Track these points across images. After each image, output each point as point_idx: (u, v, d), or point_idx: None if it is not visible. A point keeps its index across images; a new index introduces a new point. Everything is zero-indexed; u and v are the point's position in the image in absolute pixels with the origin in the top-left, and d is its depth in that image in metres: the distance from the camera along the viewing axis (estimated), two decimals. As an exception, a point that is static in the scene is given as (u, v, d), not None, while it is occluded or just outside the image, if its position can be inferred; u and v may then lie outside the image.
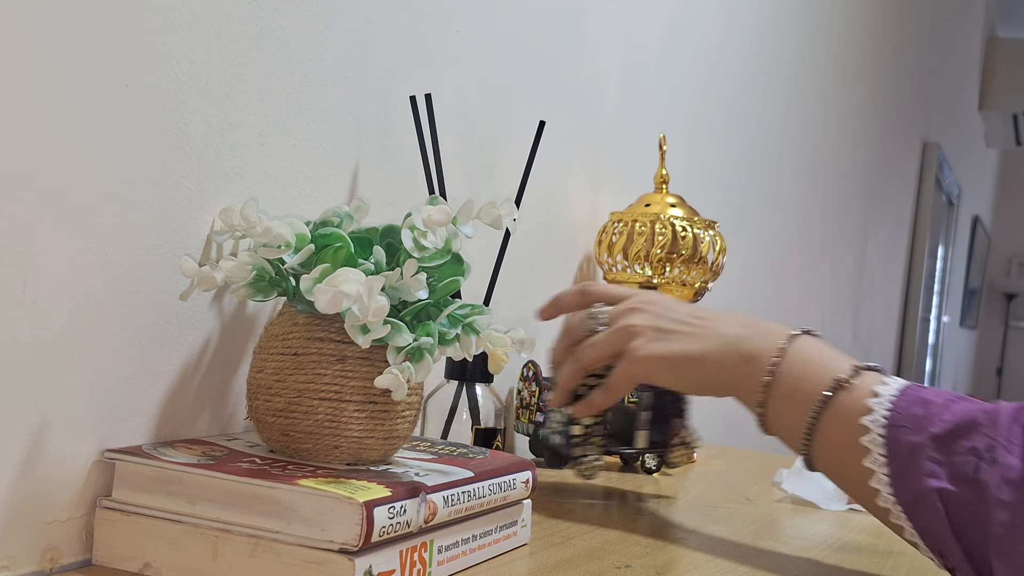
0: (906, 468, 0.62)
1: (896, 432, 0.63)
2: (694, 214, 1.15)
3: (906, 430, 0.63)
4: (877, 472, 0.63)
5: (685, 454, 0.88)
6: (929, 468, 0.61)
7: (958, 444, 0.61)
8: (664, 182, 1.17)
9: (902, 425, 0.63)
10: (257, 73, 0.67)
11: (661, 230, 1.11)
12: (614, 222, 1.15)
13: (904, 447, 0.62)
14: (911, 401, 0.64)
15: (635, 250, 1.12)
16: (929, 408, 0.63)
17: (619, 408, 0.85)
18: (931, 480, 0.61)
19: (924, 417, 0.63)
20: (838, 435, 0.66)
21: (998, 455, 0.60)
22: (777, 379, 0.69)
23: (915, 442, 0.62)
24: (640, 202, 1.16)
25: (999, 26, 5.88)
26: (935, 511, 0.61)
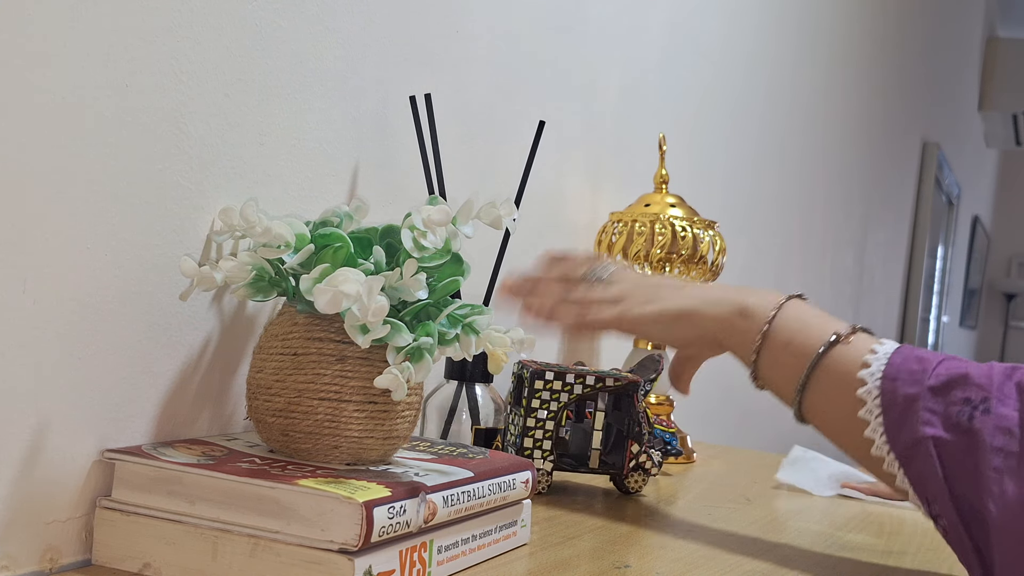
0: (901, 418, 0.65)
1: (892, 384, 0.65)
2: (694, 214, 1.15)
3: (902, 383, 0.65)
4: (872, 422, 0.66)
5: (642, 478, 0.88)
6: (924, 417, 0.64)
7: (952, 395, 0.64)
8: (664, 182, 1.17)
9: (898, 378, 0.66)
10: (257, 73, 0.67)
11: (661, 230, 1.11)
12: (614, 222, 1.15)
13: (900, 398, 0.65)
14: (906, 358, 0.67)
15: (635, 250, 1.12)
16: (924, 364, 0.66)
17: (576, 428, 0.85)
18: (926, 428, 0.63)
19: (920, 371, 0.65)
20: (832, 388, 0.68)
21: (992, 405, 0.62)
22: (773, 331, 0.72)
23: (911, 393, 0.65)
24: (640, 202, 1.16)
25: (999, 26, 5.88)
26: (928, 458, 0.63)
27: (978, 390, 0.64)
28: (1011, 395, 0.63)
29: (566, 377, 0.85)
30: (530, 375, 0.84)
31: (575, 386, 0.85)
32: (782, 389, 0.73)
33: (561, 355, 1.19)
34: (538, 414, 0.84)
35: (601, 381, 0.85)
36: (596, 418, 0.85)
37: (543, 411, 0.84)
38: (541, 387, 0.84)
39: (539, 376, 0.84)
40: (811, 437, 1.27)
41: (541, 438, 0.84)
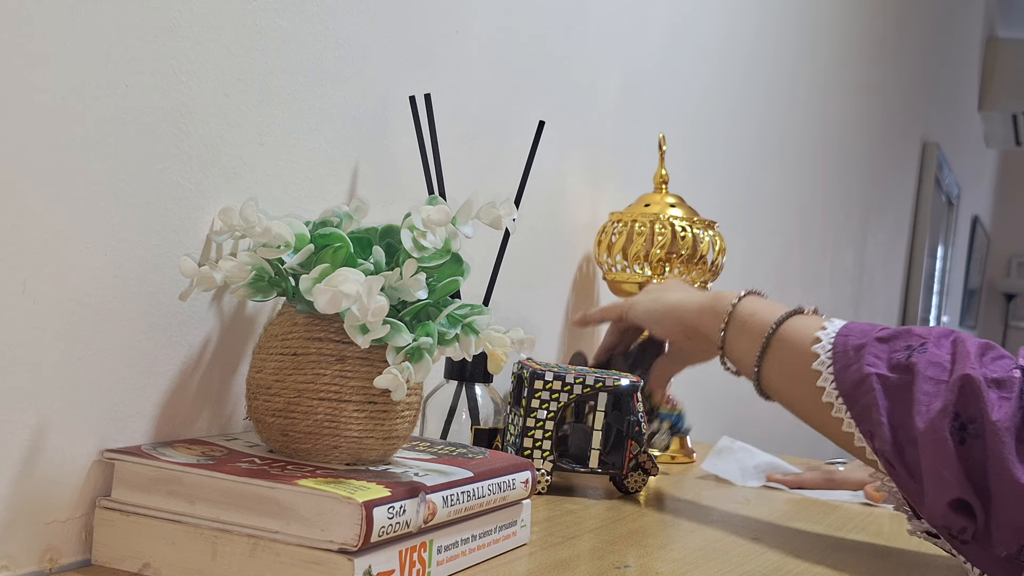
0: (849, 363, 0.75)
1: (844, 339, 0.76)
2: (694, 214, 1.15)
3: (853, 337, 0.76)
4: (823, 372, 0.76)
5: (642, 478, 0.88)
6: (869, 360, 0.74)
7: (896, 343, 0.74)
8: (664, 182, 1.17)
9: (850, 335, 0.77)
10: (257, 73, 0.67)
11: (660, 230, 1.11)
12: (613, 222, 1.15)
13: (850, 348, 0.75)
14: (857, 324, 0.78)
15: (634, 250, 1.12)
16: (874, 326, 0.77)
17: (576, 428, 0.86)
18: (869, 368, 0.73)
19: (869, 329, 0.76)
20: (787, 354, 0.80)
21: (928, 347, 0.72)
22: (733, 319, 0.86)
23: (860, 343, 0.75)
24: (640, 202, 1.16)
25: (999, 26, 5.88)
26: (871, 391, 0.72)
27: (918, 338, 0.74)
28: (946, 345, 0.73)
29: (566, 377, 0.85)
30: (530, 375, 0.84)
31: (575, 386, 0.85)
32: (743, 365, 0.85)
33: (561, 353, 1.19)
34: (538, 414, 0.84)
35: (601, 381, 0.85)
36: (596, 418, 0.85)
37: (543, 411, 0.84)
38: (541, 387, 0.84)
39: (539, 376, 0.84)
40: (809, 445, 1.27)
41: (541, 438, 0.84)
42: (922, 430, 0.69)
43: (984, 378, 0.68)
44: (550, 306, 1.16)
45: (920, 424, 0.69)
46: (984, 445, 0.67)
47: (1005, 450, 0.66)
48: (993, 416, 0.67)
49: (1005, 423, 0.66)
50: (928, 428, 0.69)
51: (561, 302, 1.18)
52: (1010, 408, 0.67)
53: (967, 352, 0.71)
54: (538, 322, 1.13)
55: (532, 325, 1.10)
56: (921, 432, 0.69)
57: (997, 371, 0.69)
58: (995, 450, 0.66)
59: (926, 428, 0.69)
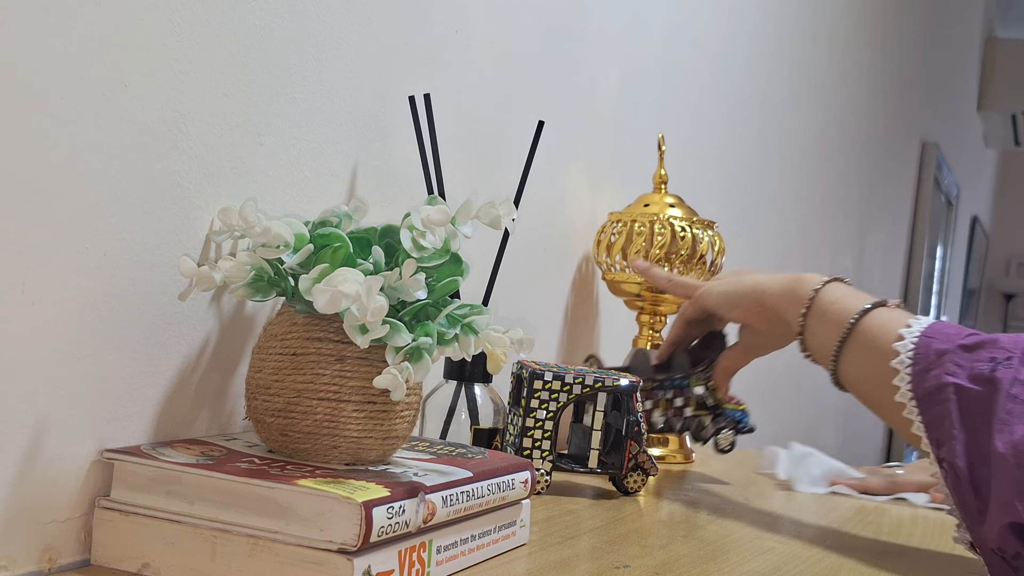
0: (929, 367, 0.73)
1: (928, 340, 0.74)
2: (693, 214, 1.15)
3: (938, 340, 0.74)
4: (901, 372, 0.74)
5: (641, 478, 0.88)
6: (950, 368, 0.72)
7: (980, 354, 0.72)
8: (663, 182, 1.17)
9: (935, 336, 0.74)
10: (256, 73, 0.67)
11: (660, 230, 1.11)
12: (613, 222, 1.15)
13: (932, 352, 0.73)
14: (944, 324, 0.76)
15: (634, 250, 1.12)
16: (960, 330, 0.75)
17: (575, 428, 0.86)
18: (949, 377, 0.71)
19: (955, 334, 0.74)
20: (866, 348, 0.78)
21: (1014, 363, 0.70)
22: (815, 304, 0.83)
23: (943, 348, 0.73)
24: (639, 202, 1.16)
25: (998, 26, 5.88)
26: (947, 402, 0.71)
27: (1004, 351, 0.71)
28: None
29: (565, 377, 0.85)
30: (529, 375, 0.84)
31: (574, 386, 0.85)
32: (823, 353, 0.83)
33: (560, 353, 1.19)
34: (537, 414, 0.84)
35: (600, 381, 0.85)
36: (595, 418, 0.85)
37: (542, 411, 0.84)
38: (540, 387, 0.84)
39: (538, 376, 0.84)
40: (806, 439, 1.27)
41: (540, 438, 0.84)
42: (1001, 452, 0.67)
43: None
44: (549, 306, 1.16)
45: (1000, 445, 0.67)
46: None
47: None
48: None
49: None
50: (1010, 451, 0.66)
51: (560, 302, 1.18)
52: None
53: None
54: (537, 322, 1.13)
55: (531, 325, 1.10)
56: (999, 454, 0.67)
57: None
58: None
59: (1007, 450, 0.67)
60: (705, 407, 0.97)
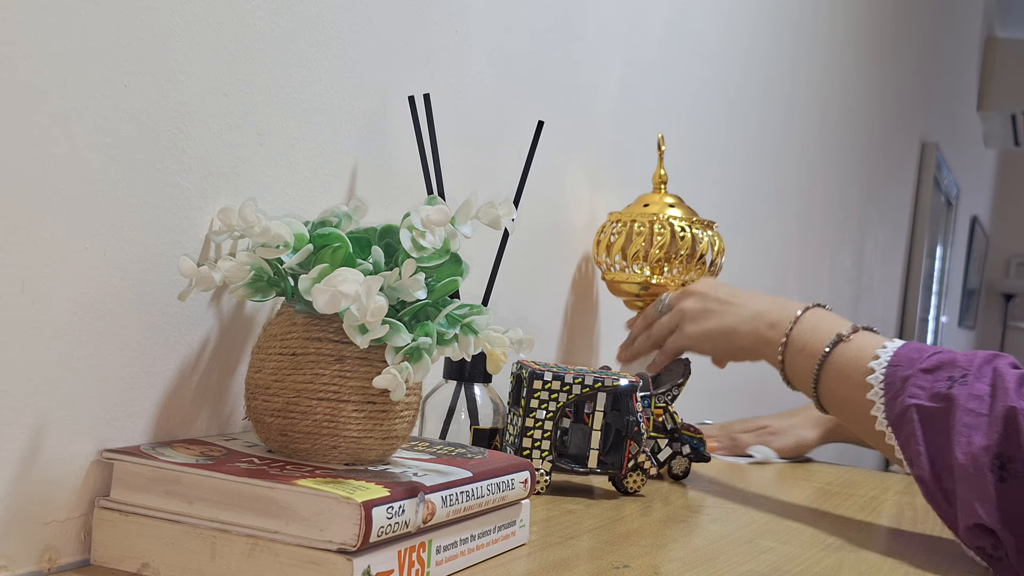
0: (897, 394, 0.79)
1: (894, 370, 0.81)
2: (692, 214, 1.15)
3: (901, 368, 0.80)
4: (877, 402, 0.81)
5: (641, 478, 0.89)
6: (912, 391, 0.78)
7: (939, 374, 0.78)
8: (663, 182, 1.17)
9: (899, 364, 0.81)
10: (256, 73, 0.67)
11: (660, 230, 1.11)
12: (612, 222, 1.15)
13: (898, 379, 0.80)
14: (910, 349, 0.82)
15: (634, 250, 1.12)
16: (921, 353, 0.81)
17: (575, 428, 0.86)
18: (911, 399, 0.78)
19: (916, 358, 0.80)
20: (839, 379, 0.85)
21: (969, 380, 0.76)
22: (791, 340, 0.90)
23: (907, 375, 0.79)
24: (638, 202, 1.16)
25: (998, 26, 5.88)
26: (912, 422, 0.77)
27: (960, 370, 0.78)
28: (987, 375, 0.76)
29: (564, 377, 0.85)
30: (528, 375, 0.84)
31: (574, 386, 0.85)
32: (802, 387, 0.90)
33: (560, 353, 1.19)
34: (536, 414, 0.84)
35: (600, 381, 0.85)
36: (595, 418, 0.85)
37: (542, 411, 0.84)
38: (540, 387, 0.84)
39: (537, 376, 0.84)
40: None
41: (540, 438, 0.84)
42: (961, 462, 0.73)
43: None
44: (549, 306, 1.16)
45: (960, 456, 0.73)
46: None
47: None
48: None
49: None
50: (968, 462, 0.72)
51: (560, 302, 1.18)
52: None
53: (1007, 386, 0.74)
54: (537, 322, 1.13)
55: (531, 325, 1.10)
56: (960, 464, 0.73)
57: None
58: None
59: (966, 461, 0.72)
60: (663, 431, 0.98)
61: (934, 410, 0.76)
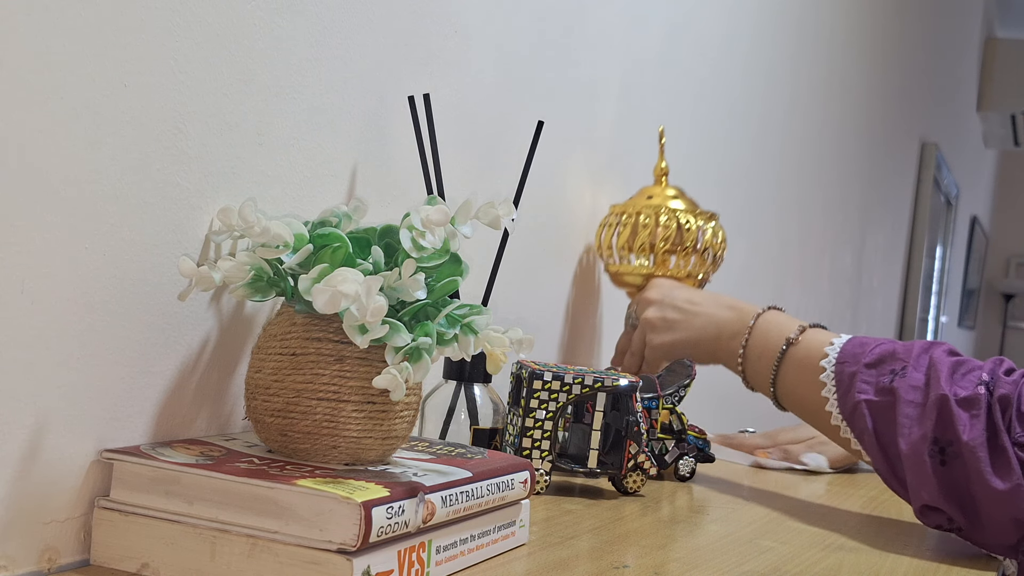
0: (846, 391, 0.85)
1: (841, 367, 0.86)
2: (695, 206, 1.14)
3: (847, 364, 0.86)
4: (830, 399, 0.86)
5: (641, 479, 0.89)
6: (860, 387, 0.84)
7: (882, 368, 0.84)
8: (664, 174, 1.16)
9: (845, 361, 0.86)
10: (256, 73, 0.67)
11: (665, 222, 1.11)
12: (617, 214, 1.14)
13: (846, 376, 0.85)
14: (853, 345, 0.87)
15: (639, 242, 1.11)
16: (864, 347, 0.86)
17: (575, 429, 0.86)
18: (860, 394, 0.83)
19: (860, 354, 0.85)
20: (796, 379, 0.91)
21: (908, 372, 0.81)
22: (748, 348, 0.96)
23: (853, 371, 0.85)
24: (641, 194, 1.16)
25: (997, 26, 5.88)
26: (863, 417, 0.83)
27: (900, 362, 0.83)
28: (923, 364, 0.81)
29: (564, 377, 0.85)
30: (528, 375, 0.84)
31: (573, 387, 0.85)
32: (762, 390, 0.96)
33: (560, 353, 1.19)
34: (536, 414, 0.84)
35: (599, 381, 0.85)
36: (594, 418, 0.85)
37: (541, 411, 0.84)
38: (539, 387, 0.84)
39: (537, 376, 0.84)
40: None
41: (539, 438, 0.84)
42: (905, 452, 0.79)
43: (955, 398, 0.78)
44: (549, 306, 1.16)
45: (904, 447, 0.79)
46: (963, 464, 0.76)
47: (982, 464, 0.75)
48: (965, 437, 0.76)
49: (978, 439, 0.76)
50: (910, 451, 0.79)
51: (560, 302, 1.18)
52: (980, 425, 0.76)
53: (939, 374, 0.79)
54: (537, 322, 1.13)
55: (531, 325, 1.10)
56: (905, 454, 0.79)
57: (965, 389, 0.78)
58: (973, 466, 0.76)
59: (908, 451, 0.79)
60: (670, 432, 0.98)
61: (881, 404, 0.82)
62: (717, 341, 0.99)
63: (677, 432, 0.99)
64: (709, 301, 1.03)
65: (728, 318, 0.99)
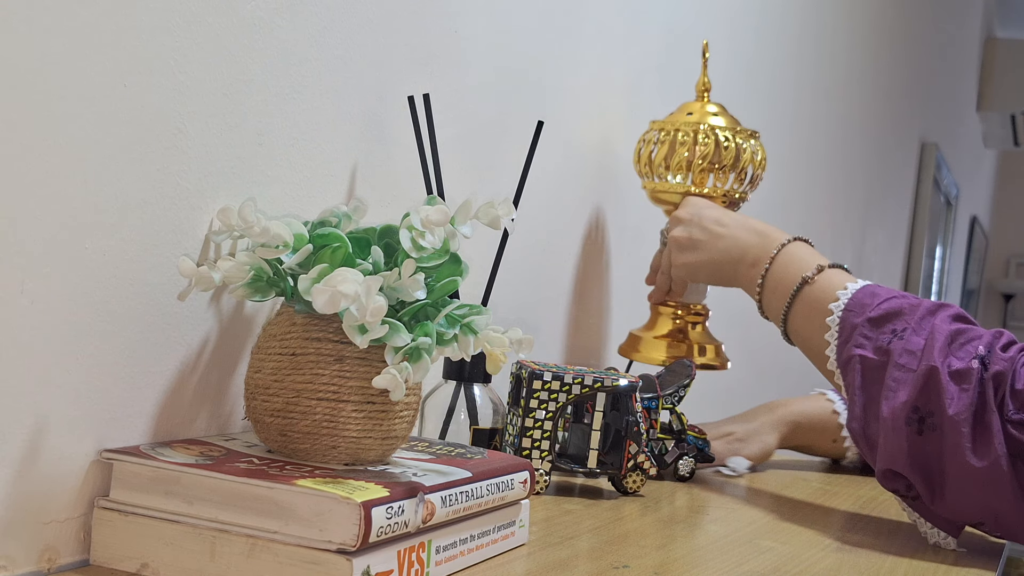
0: (846, 340, 0.85)
1: (847, 315, 0.86)
2: (736, 123, 1.12)
3: (853, 313, 0.85)
4: (831, 343, 0.86)
5: (640, 479, 0.89)
6: (858, 340, 0.84)
7: (884, 326, 0.83)
8: (706, 90, 1.13)
9: (852, 310, 0.86)
10: (255, 73, 0.67)
11: (704, 140, 1.08)
12: (656, 130, 1.11)
13: (848, 326, 0.85)
14: (864, 294, 0.87)
15: (677, 160, 1.09)
16: (874, 299, 0.85)
17: (574, 429, 0.86)
18: (856, 349, 0.83)
19: (868, 305, 0.85)
20: (805, 318, 0.91)
21: (907, 335, 0.81)
22: (767, 278, 0.94)
23: (856, 322, 0.85)
24: (681, 110, 1.13)
25: (997, 26, 5.88)
26: (855, 371, 0.83)
27: (903, 321, 0.82)
28: (925, 328, 0.81)
29: (564, 378, 0.85)
30: (528, 376, 0.84)
31: (573, 387, 0.85)
32: (775, 320, 0.95)
33: (560, 354, 1.19)
34: (536, 415, 0.84)
35: (599, 381, 0.85)
36: (594, 418, 0.85)
37: (541, 411, 0.84)
38: (539, 388, 0.84)
39: (537, 377, 0.84)
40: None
41: (539, 438, 0.84)
42: (884, 416, 0.79)
43: (947, 370, 0.77)
44: (549, 306, 1.16)
45: (885, 410, 0.79)
46: (941, 437, 0.76)
47: (963, 440, 0.75)
48: (950, 411, 0.76)
49: (963, 415, 0.75)
50: (890, 415, 0.79)
51: (560, 302, 1.18)
52: (967, 400, 0.76)
53: (935, 344, 0.79)
54: (537, 322, 1.13)
55: (531, 325, 1.10)
56: (884, 417, 0.79)
57: (960, 361, 0.78)
58: (953, 440, 0.75)
59: (888, 415, 0.79)
60: (670, 431, 0.98)
61: (874, 362, 0.82)
62: (738, 265, 0.97)
63: (677, 432, 0.99)
64: (737, 223, 1.01)
65: (752, 243, 0.97)
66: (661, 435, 0.98)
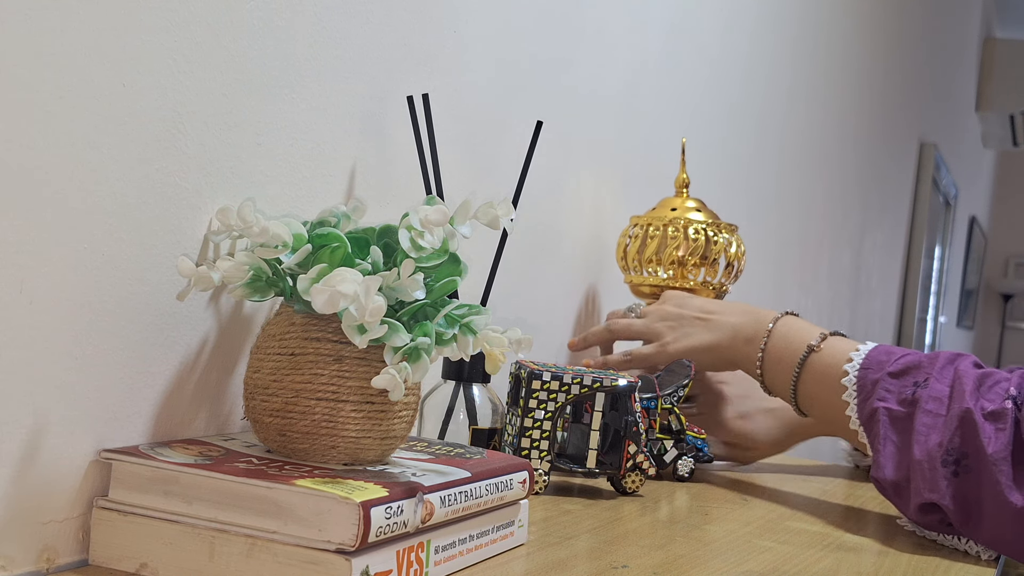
0: (868, 396, 0.86)
1: (865, 373, 0.87)
2: (717, 218, 1.18)
3: (871, 371, 0.87)
4: (851, 403, 0.87)
5: (640, 479, 0.89)
6: (881, 394, 0.85)
7: (905, 379, 0.85)
8: (685, 186, 1.19)
9: (870, 367, 0.87)
10: (255, 73, 0.67)
11: (695, 236, 1.14)
12: (642, 226, 1.16)
13: (869, 383, 0.87)
14: (879, 352, 0.89)
15: (668, 255, 1.14)
16: (890, 356, 0.87)
17: (573, 429, 0.86)
18: (880, 402, 0.84)
19: (885, 362, 0.87)
20: (818, 383, 0.92)
21: (930, 383, 0.83)
22: (767, 353, 0.97)
23: (876, 378, 0.86)
24: (663, 206, 1.18)
25: (996, 27, 5.88)
26: (879, 422, 0.84)
27: (924, 373, 0.84)
28: (948, 375, 0.82)
29: (563, 378, 0.85)
30: (527, 376, 0.84)
31: (572, 387, 0.85)
32: (782, 394, 0.97)
33: (560, 354, 1.19)
34: (535, 414, 0.84)
35: (598, 381, 0.85)
36: (593, 418, 0.85)
37: (540, 411, 0.84)
38: (538, 387, 0.84)
39: (536, 377, 0.84)
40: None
41: (538, 438, 0.84)
42: (919, 458, 0.80)
43: (981, 411, 0.78)
44: (548, 306, 1.16)
45: (918, 453, 0.80)
46: (978, 477, 0.77)
47: (1002, 477, 0.75)
48: (989, 449, 0.76)
49: (1002, 453, 0.76)
50: (925, 457, 0.79)
51: (559, 302, 1.18)
52: (1005, 439, 0.76)
53: (963, 388, 0.80)
54: (536, 322, 1.13)
55: (530, 325, 1.10)
56: (917, 460, 0.80)
57: (992, 403, 0.78)
58: (991, 479, 0.76)
59: (923, 456, 0.79)
60: (669, 431, 0.98)
61: (900, 413, 0.83)
62: (734, 347, 1.00)
63: (676, 432, 0.99)
64: (723, 308, 1.04)
65: (743, 322, 1.00)
66: (660, 435, 0.98)
